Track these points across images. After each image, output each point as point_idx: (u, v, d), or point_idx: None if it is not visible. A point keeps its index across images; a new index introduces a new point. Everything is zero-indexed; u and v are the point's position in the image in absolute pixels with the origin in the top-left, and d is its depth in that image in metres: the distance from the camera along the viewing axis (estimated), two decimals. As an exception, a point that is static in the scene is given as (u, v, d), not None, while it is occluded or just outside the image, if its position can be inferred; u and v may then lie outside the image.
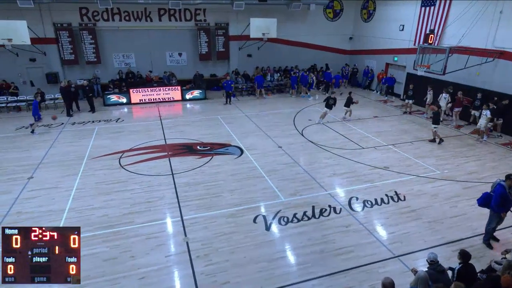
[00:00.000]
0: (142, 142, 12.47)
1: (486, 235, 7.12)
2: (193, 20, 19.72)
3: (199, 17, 19.74)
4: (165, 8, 18.79)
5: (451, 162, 10.94)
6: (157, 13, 18.92)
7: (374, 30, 20.74)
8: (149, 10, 18.72)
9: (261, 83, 19.22)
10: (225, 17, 19.98)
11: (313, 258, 6.63)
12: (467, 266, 5.19)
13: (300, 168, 10.47)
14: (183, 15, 19.44)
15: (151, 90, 18.01)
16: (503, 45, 13.35)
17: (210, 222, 7.73)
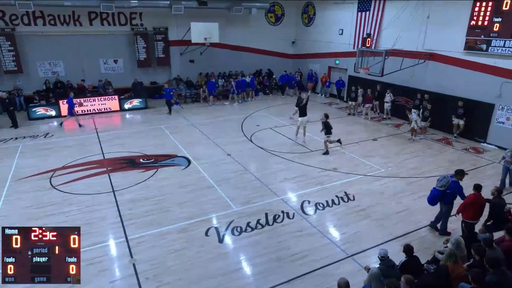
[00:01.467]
0: (77, 158, 11.70)
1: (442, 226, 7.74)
2: (129, 24, 19.08)
3: (135, 21, 19.16)
4: (96, 12, 17.95)
5: (393, 160, 11.82)
6: (87, 17, 18.00)
7: (316, 34, 21.79)
8: (77, 13, 17.73)
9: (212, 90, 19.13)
10: (164, 21, 19.62)
11: (270, 266, 6.71)
12: (411, 259, 5.62)
13: (251, 175, 10.57)
14: (117, 19, 18.72)
15: (85, 101, 17.00)
16: (431, 47, 14.83)
17: (159, 239, 7.47)
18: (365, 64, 15.79)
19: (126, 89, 18.80)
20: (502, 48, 12.30)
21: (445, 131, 14.63)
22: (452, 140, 13.78)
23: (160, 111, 17.81)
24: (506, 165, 9.59)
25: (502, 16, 12.15)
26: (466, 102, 13.58)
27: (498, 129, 13.00)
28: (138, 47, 19.31)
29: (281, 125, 15.49)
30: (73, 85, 18.21)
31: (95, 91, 18.24)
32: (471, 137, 13.82)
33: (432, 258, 6.12)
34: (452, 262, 5.14)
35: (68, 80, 18.26)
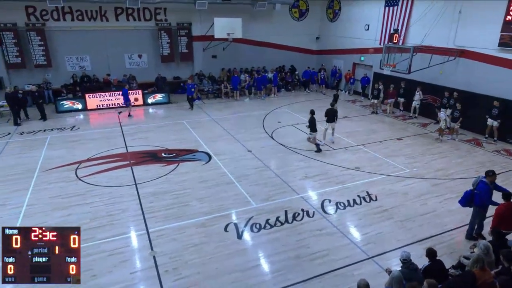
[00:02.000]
0: (101, 151, 12.04)
1: (470, 230, 7.48)
2: (153, 19, 19.39)
3: (160, 16, 19.44)
4: (122, 7, 18.33)
5: (419, 160, 11.49)
6: (114, 12, 18.41)
7: (340, 29, 21.44)
8: (104, 9, 18.17)
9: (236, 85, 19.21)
10: (188, 17, 19.82)
11: (288, 264, 6.70)
12: (435, 263, 5.46)
13: (271, 172, 10.56)
14: (142, 14, 19.06)
15: (110, 95, 17.46)
16: (463, 44, 14.27)
17: (178, 233, 7.59)
18: (391, 61, 15.40)
19: (150, 84, 19.16)
20: (540, 45, 11.70)
21: (475, 132, 14.08)
22: (482, 141, 13.26)
23: (182, 106, 18.03)
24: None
25: (541, 11, 11.55)
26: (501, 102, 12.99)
27: (533, 130, 12.40)
28: (162, 42, 19.61)
29: (302, 122, 15.35)
30: (99, 79, 18.72)
31: (120, 86, 18.66)
32: (503, 138, 13.24)
33: (458, 263, 5.94)
34: (479, 268, 4.95)
35: (94, 74, 18.78)
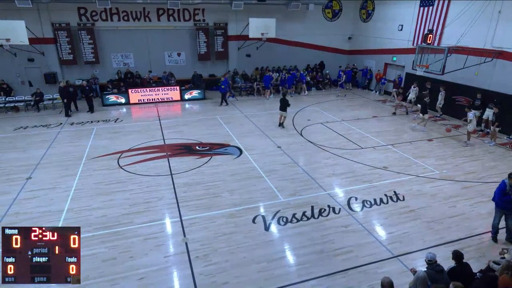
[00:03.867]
0: (141, 142, 12.47)
1: (492, 230, 7.23)
2: (192, 20, 19.72)
3: (198, 17, 19.74)
4: (164, 8, 18.79)
5: (450, 162, 10.97)
6: (156, 13, 18.92)
7: (373, 30, 20.77)
8: (147, 10, 18.71)
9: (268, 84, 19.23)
10: (224, 17, 19.98)
11: (313, 258, 6.65)
12: (461, 266, 5.21)
13: (299, 168, 10.48)
14: (182, 15, 19.44)
15: (150, 90, 18.01)
16: (501, 45, 13.38)
17: (209, 222, 7.74)
18: (424, 61, 14.73)
19: (187, 81, 19.56)
20: None
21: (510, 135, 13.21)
22: None
23: (217, 102, 18.28)
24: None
25: None
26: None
27: None
28: (199, 41, 19.92)
29: (332, 121, 15.10)
30: (141, 75, 19.36)
31: (159, 82, 19.21)
32: (541, 143, 12.35)
33: (486, 268, 5.63)
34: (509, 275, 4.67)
35: (137, 71, 19.43)
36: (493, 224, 7.18)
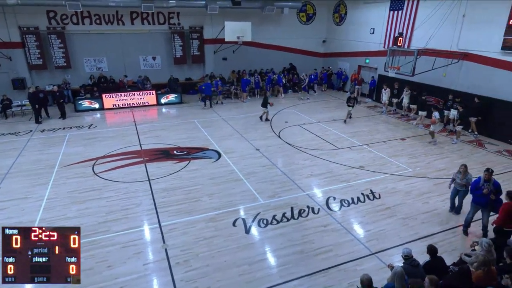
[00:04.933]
0: (117, 148, 12.17)
1: (464, 224, 7.55)
2: (167, 23, 19.49)
3: (173, 20, 19.54)
4: (138, 12, 18.48)
5: (422, 160, 11.36)
6: (129, 16, 18.58)
7: (346, 33, 21.27)
8: (121, 13, 18.34)
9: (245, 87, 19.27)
10: (200, 21, 19.89)
11: (294, 259, 6.70)
12: (435, 260, 5.40)
13: (278, 170, 10.55)
14: (156, 18, 19.18)
15: (125, 95, 17.63)
16: (466, 47, 14.05)
17: (189, 227, 7.65)
18: (395, 63, 15.23)
19: (163, 85, 19.29)
20: (543, 48, 11.46)
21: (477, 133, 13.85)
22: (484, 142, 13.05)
23: (194, 106, 18.13)
24: (457, 187, 7.95)
25: (544, 15, 11.31)
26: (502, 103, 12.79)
27: (535, 132, 12.16)
28: (175, 45, 19.72)
29: (309, 122, 15.31)
30: (116, 80, 18.92)
31: (135, 86, 18.85)
32: (505, 139, 13.01)
33: (459, 261, 5.86)
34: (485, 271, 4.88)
35: (110, 76, 18.98)
36: (466, 218, 7.48)
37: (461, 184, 7.80)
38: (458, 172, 7.87)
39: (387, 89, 16.69)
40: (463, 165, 7.79)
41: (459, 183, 7.83)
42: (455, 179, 7.95)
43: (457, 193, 8.01)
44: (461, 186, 7.83)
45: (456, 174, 7.92)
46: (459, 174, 7.81)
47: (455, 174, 7.95)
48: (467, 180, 7.70)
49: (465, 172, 7.72)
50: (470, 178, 7.71)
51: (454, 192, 8.07)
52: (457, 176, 7.87)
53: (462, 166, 7.77)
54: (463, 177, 7.74)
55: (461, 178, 7.76)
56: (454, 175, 7.97)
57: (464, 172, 7.71)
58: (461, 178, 7.76)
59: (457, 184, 7.90)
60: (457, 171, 7.92)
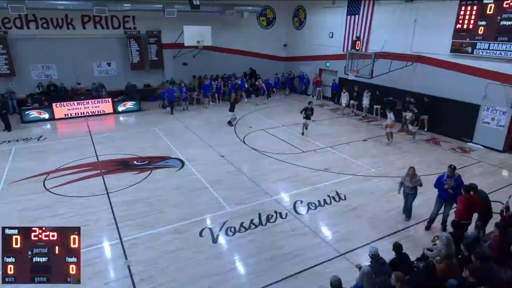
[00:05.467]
0: (71, 160, 11.55)
1: (428, 219, 7.96)
2: (122, 27, 18.93)
3: (128, 24, 19.03)
4: (90, 15, 17.77)
5: (383, 160, 11.91)
6: (81, 20, 17.82)
7: (306, 37, 21.89)
8: (70, 17, 17.54)
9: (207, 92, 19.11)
10: (157, 25, 19.52)
11: (264, 266, 6.71)
12: (400, 257, 5.67)
13: (244, 176, 10.56)
14: (110, 22, 18.57)
15: (78, 104, 16.84)
16: (419, 50, 15.00)
17: (153, 241, 7.41)
18: (355, 66, 15.90)
19: (120, 92, 18.66)
20: (487, 50, 12.50)
21: (433, 132, 14.79)
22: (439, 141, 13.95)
23: (154, 113, 17.70)
24: (406, 190, 8.05)
25: (486, 20, 12.36)
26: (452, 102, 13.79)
27: (484, 129, 13.18)
28: (131, 50, 19.17)
29: (273, 127, 15.51)
30: (67, 88, 18.01)
31: (89, 94, 18.05)
32: (458, 137, 14.00)
33: (421, 255, 6.18)
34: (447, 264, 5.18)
35: (61, 83, 18.03)
36: (431, 214, 7.90)
37: (410, 187, 7.89)
38: (406, 175, 7.92)
39: (345, 92, 17.37)
40: (411, 168, 7.85)
41: (409, 186, 7.89)
42: (403, 182, 8.00)
43: (407, 196, 8.08)
44: (410, 189, 7.92)
45: (405, 177, 7.95)
46: (408, 177, 7.86)
47: (403, 177, 8.00)
48: (416, 182, 7.83)
49: (414, 174, 7.82)
50: (419, 179, 7.86)
51: (405, 195, 8.14)
52: (406, 180, 7.93)
53: (411, 168, 7.83)
54: (412, 180, 7.82)
55: (410, 181, 7.84)
56: (403, 179, 8.02)
57: (413, 175, 7.81)
58: (410, 181, 7.83)
59: (406, 187, 7.97)
60: (405, 174, 7.97)
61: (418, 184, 7.88)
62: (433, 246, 6.19)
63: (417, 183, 7.87)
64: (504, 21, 11.90)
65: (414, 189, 7.95)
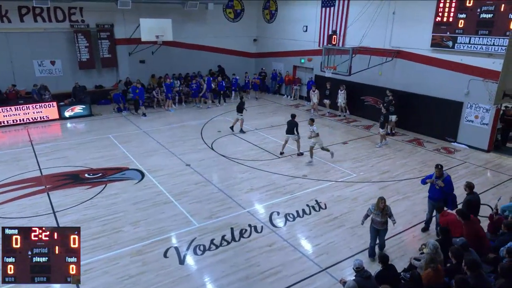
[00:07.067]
0: (9, 176, 11.01)
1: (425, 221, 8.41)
2: (68, 20, 18.37)
3: (75, 17, 18.50)
4: (28, 6, 17.12)
5: (365, 164, 12.24)
6: (18, 12, 17.12)
7: (279, 31, 22.21)
8: (5, 8, 16.81)
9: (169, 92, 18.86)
10: (109, 17, 19.13)
11: (238, 286, 6.67)
12: (387, 269, 5.83)
13: (213, 187, 10.49)
14: (54, 14, 17.97)
15: (16, 109, 16.12)
16: (398, 44, 15.63)
17: (110, 264, 7.18)
18: (331, 63, 16.28)
19: (67, 95, 18.03)
20: (468, 45, 13.20)
21: (416, 132, 15.38)
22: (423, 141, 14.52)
23: (107, 118, 17.25)
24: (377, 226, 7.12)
25: (466, 12, 13.06)
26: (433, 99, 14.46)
27: (468, 127, 13.88)
28: (79, 46, 18.61)
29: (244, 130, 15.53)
30: (1, 90, 17.19)
31: (29, 97, 17.32)
32: (441, 136, 14.64)
33: (409, 266, 6.38)
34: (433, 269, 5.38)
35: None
36: (426, 216, 8.37)
37: (381, 222, 7.01)
38: (375, 206, 7.01)
39: (315, 91, 17.87)
40: (382, 200, 6.96)
41: (379, 221, 6.98)
42: (369, 215, 7.18)
43: (377, 232, 7.16)
44: (382, 224, 7.03)
45: (373, 210, 7.03)
46: (378, 211, 6.94)
47: (370, 209, 7.14)
48: (388, 214, 7.06)
49: (386, 207, 6.99)
50: (390, 210, 7.10)
51: (373, 231, 7.18)
52: (374, 213, 7.01)
53: (381, 200, 6.93)
54: (383, 214, 6.96)
55: (382, 216, 6.96)
56: (369, 211, 7.18)
57: (384, 207, 6.95)
58: (381, 215, 6.95)
59: (376, 222, 7.03)
60: (372, 205, 7.14)
61: (389, 215, 7.12)
62: (420, 255, 6.41)
63: (389, 215, 7.11)
64: (484, 13, 12.62)
65: (386, 223, 7.13)
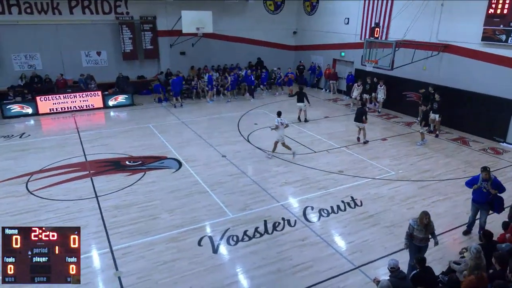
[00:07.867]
0: (56, 160, 11.66)
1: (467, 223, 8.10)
2: (113, 12, 19.05)
3: (120, 9, 19.13)
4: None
5: (404, 162, 11.83)
6: (68, 4, 17.96)
7: (319, 23, 21.82)
8: (56, 1, 17.68)
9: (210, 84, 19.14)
10: (152, 10, 19.62)
11: (269, 279, 6.71)
12: (424, 271, 5.63)
13: (248, 179, 10.56)
14: (101, 7, 18.70)
15: (64, 97, 16.98)
16: (446, 38, 14.88)
17: (147, 250, 7.45)
18: (373, 56, 15.81)
19: (110, 84, 18.78)
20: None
21: (461, 130, 14.66)
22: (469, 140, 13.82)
23: (148, 108, 17.78)
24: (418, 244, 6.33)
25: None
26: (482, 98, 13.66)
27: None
28: (123, 38, 19.28)
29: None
30: (52, 79, 18.17)
31: (76, 86, 18.19)
32: (489, 136, 13.86)
33: (448, 269, 6.14)
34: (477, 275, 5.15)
35: (46, 74, 18.19)
36: (469, 218, 8.04)
37: (424, 238, 6.29)
38: (417, 221, 6.23)
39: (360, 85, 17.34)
40: (426, 215, 6.19)
41: (422, 237, 6.25)
42: (411, 233, 6.32)
43: (418, 250, 6.32)
44: (423, 241, 6.31)
45: (415, 226, 6.23)
46: (421, 227, 6.17)
47: (411, 226, 6.30)
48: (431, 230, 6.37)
49: (429, 222, 6.25)
50: (433, 226, 6.40)
51: (414, 248, 6.36)
52: (417, 229, 6.22)
53: (426, 216, 6.17)
54: (427, 230, 6.25)
55: (425, 232, 6.23)
56: (410, 228, 6.33)
57: (428, 223, 6.22)
58: (425, 231, 6.22)
59: (417, 239, 6.27)
60: (414, 220, 6.32)
61: (432, 234, 6.44)
62: (460, 259, 6.15)
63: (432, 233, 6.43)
64: (543, 5, 11.75)
65: (428, 240, 6.42)
